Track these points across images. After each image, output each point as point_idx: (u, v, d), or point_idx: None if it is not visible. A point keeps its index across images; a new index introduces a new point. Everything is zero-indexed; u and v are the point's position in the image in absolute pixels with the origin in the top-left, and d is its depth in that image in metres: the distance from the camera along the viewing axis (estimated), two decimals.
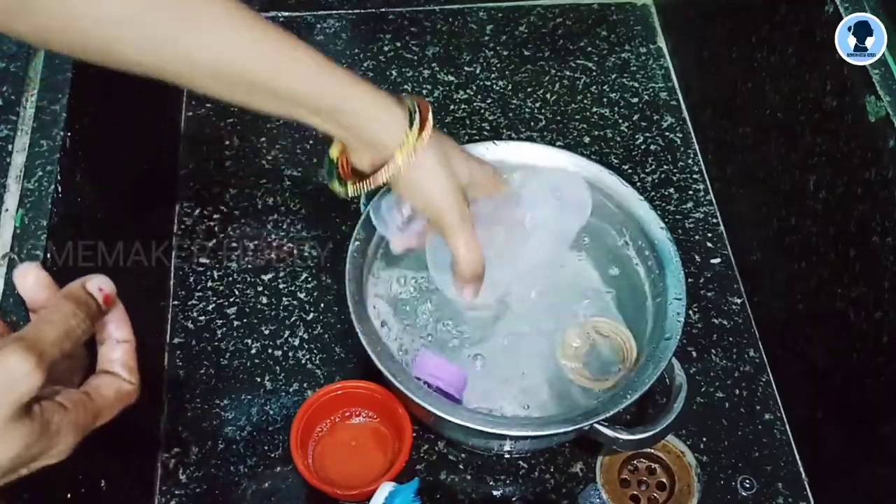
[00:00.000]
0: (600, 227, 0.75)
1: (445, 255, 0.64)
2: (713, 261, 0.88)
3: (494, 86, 0.99)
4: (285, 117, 0.56)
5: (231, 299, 0.82)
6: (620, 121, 0.97)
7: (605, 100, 0.98)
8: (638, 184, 0.91)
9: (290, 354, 0.80)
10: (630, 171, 0.92)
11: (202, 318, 0.81)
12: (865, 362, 0.66)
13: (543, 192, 0.68)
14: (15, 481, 0.40)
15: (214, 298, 0.82)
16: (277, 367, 0.79)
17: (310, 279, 0.84)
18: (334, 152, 0.63)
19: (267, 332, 0.81)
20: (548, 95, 0.98)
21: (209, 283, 0.83)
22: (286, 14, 1.04)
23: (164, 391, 0.77)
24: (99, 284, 0.43)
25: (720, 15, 0.90)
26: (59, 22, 0.48)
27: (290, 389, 0.78)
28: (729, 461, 0.76)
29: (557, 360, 0.71)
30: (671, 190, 0.92)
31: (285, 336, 0.81)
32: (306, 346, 0.80)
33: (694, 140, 0.96)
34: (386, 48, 1.02)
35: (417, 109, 0.58)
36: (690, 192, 0.92)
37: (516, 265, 0.67)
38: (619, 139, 0.95)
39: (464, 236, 0.61)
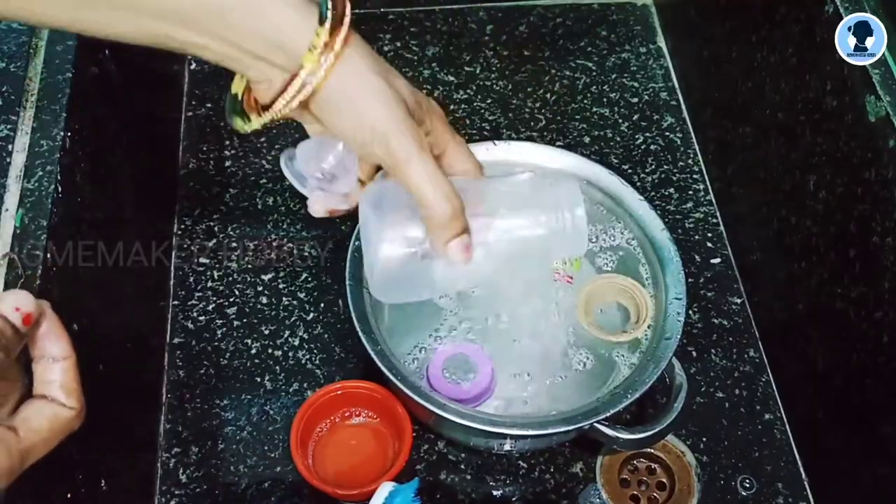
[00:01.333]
0: (600, 227, 0.75)
1: (398, 206, 0.49)
2: (713, 261, 0.88)
3: (494, 86, 0.99)
4: (149, 42, 0.43)
5: (231, 299, 0.82)
6: (620, 121, 0.97)
7: (605, 100, 0.98)
8: (638, 184, 0.91)
9: (290, 354, 0.80)
10: (630, 171, 0.92)
11: (202, 318, 0.81)
12: (865, 362, 0.66)
13: (538, 197, 0.55)
14: None
15: (214, 298, 0.82)
16: (277, 367, 0.79)
17: (310, 279, 0.84)
18: (237, 86, 0.50)
19: (267, 332, 0.81)
20: (548, 95, 0.98)
21: (209, 283, 0.83)
22: None
23: (164, 391, 0.77)
24: (15, 304, 0.37)
25: (720, 15, 0.90)
26: None
27: (290, 389, 0.78)
28: (729, 461, 0.76)
29: (576, 315, 0.70)
30: (671, 190, 0.92)
31: (285, 336, 0.81)
32: (306, 346, 0.80)
33: (694, 140, 0.96)
34: (386, 48, 1.02)
35: (330, 4, 0.44)
36: (690, 192, 0.92)
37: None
38: (619, 139, 0.95)
39: (424, 165, 0.45)
